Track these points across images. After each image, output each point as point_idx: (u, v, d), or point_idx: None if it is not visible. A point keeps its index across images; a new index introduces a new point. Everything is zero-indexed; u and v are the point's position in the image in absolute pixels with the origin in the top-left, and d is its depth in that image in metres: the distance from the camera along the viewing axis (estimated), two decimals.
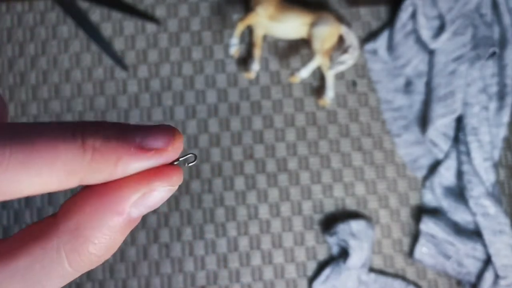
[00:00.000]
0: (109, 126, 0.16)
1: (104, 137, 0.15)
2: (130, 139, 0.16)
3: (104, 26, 0.57)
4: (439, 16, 0.56)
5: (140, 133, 0.16)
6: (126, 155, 0.16)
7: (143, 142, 0.16)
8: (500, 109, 0.57)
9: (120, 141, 0.16)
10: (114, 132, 0.16)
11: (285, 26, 0.54)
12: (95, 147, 0.15)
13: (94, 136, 0.15)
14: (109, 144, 0.15)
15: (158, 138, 0.16)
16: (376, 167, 0.57)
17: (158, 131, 0.16)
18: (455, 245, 0.54)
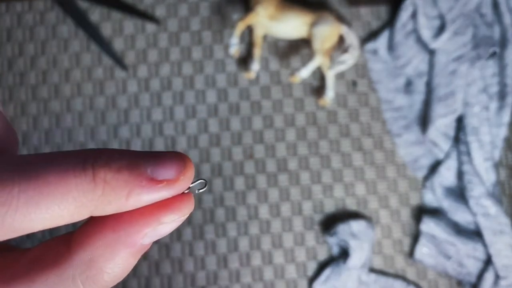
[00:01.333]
0: (119, 157, 0.16)
1: (115, 169, 0.15)
2: (141, 171, 0.16)
3: (103, 26, 0.57)
4: (439, 16, 0.56)
5: (151, 163, 0.16)
6: (138, 188, 0.16)
7: (154, 173, 0.16)
8: (500, 109, 0.57)
9: (131, 173, 0.15)
10: (125, 164, 0.16)
11: (285, 26, 0.54)
12: (106, 181, 0.15)
13: (105, 169, 0.15)
14: (120, 176, 0.15)
15: (169, 168, 0.16)
16: (376, 167, 0.57)
17: (169, 161, 0.16)
18: (455, 245, 0.54)
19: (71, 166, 0.15)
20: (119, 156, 0.16)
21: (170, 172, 0.16)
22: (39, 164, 0.15)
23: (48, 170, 0.14)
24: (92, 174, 0.15)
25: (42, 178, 0.14)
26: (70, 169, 0.15)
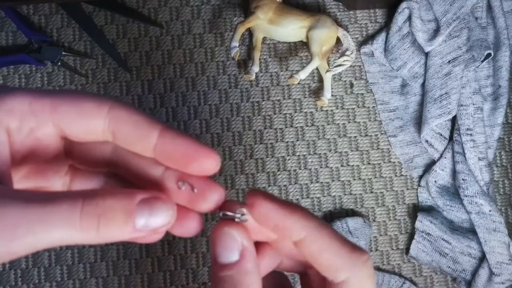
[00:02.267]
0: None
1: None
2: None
3: (108, 28, 0.58)
4: (434, 19, 0.57)
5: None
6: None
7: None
8: (494, 110, 0.57)
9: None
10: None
11: (284, 29, 0.55)
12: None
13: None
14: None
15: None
16: (373, 166, 0.58)
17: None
18: (450, 243, 0.55)
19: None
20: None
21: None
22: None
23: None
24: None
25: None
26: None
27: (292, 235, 0.20)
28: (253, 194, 0.20)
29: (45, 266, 0.55)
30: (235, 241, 0.20)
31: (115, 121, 0.19)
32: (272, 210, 0.20)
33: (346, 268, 0.19)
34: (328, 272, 0.19)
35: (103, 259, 0.55)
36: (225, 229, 0.20)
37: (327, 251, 0.19)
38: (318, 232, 0.19)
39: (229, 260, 0.20)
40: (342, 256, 0.19)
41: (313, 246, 0.19)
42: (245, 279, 0.19)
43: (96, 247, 0.55)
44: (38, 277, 0.55)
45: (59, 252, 0.55)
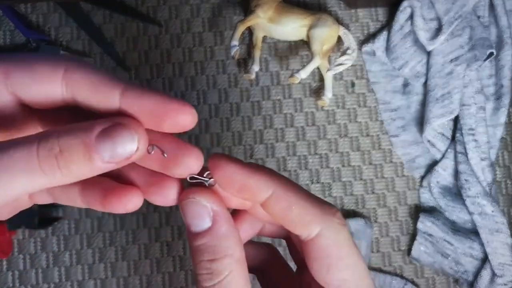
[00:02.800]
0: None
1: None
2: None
3: (106, 27, 0.58)
4: (436, 18, 0.56)
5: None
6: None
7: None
8: (497, 109, 0.57)
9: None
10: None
11: (285, 28, 0.54)
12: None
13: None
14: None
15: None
16: (374, 166, 0.58)
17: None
18: (452, 244, 0.54)
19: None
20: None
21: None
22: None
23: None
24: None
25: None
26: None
27: (259, 195, 0.19)
28: (215, 157, 0.20)
29: (42, 268, 0.54)
30: (204, 208, 0.19)
31: (72, 85, 0.18)
32: (235, 172, 0.19)
33: (318, 221, 0.19)
34: (300, 228, 0.19)
35: (101, 261, 0.55)
36: (192, 197, 0.19)
37: (297, 206, 0.19)
38: (285, 189, 0.19)
39: (201, 227, 0.19)
40: (311, 209, 0.19)
41: (281, 204, 0.19)
42: (221, 244, 0.19)
43: (94, 248, 0.55)
44: (35, 279, 0.54)
45: (57, 253, 0.55)
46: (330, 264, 0.19)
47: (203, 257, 0.19)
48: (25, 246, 0.55)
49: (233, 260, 0.19)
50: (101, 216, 0.55)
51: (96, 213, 0.55)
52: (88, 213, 0.55)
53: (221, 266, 0.18)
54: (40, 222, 0.53)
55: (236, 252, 0.19)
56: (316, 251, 0.19)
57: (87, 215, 0.55)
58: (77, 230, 0.55)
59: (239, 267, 0.19)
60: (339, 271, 0.19)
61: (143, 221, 0.55)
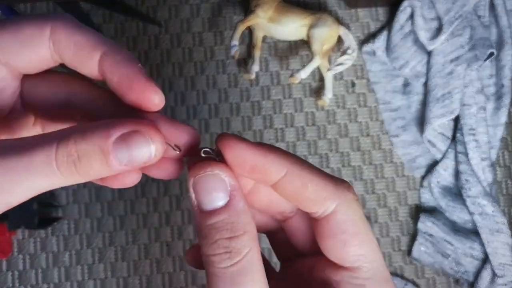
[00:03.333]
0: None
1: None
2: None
3: (106, 27, 0.58)
4: (437, 18, 0.56)
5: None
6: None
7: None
8: (497, 109, 0.57)
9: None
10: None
11: (285, 28, 0.54)
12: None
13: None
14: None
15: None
16: (374, 166, 0.57)
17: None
18: (453, 244, 0.54)
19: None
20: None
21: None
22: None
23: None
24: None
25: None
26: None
27: (272, 175, 0.19)
28: (225, 136, 0.19)
29: (42, 268, 0.54)
30: (222, 182, 0.18)
31: (58, 44, 0.18)
32: (247, 151, 0.18)
33: (334, 197, 0.19)
34: (315, 205, 0.19)
35: (101, 261, 0.55)
36: (210, 170, 0.18)
37: (312, 183, 0.18)
38: (299, 167, 0.19)
39: (217, 204, 0.18)
40: (326, 186, 0.19)
41: (296, 182, 0.18)
42: (239, 220, 0.18)
43: (94, 249, 0.55)
44: (35, 279, 0.54)
45: (57, 253, 0.55)
46: (346, 239, 0.19)
47: (220, 235, 0.18)
48: (25, 246, 0.54)
49: (251, 236, 0.18)
50: (101, 216, 0.55)
51: (96, 213, 0.55)
52: (88, 213, 0.55)
53: (241, 243, 0.17)
54: (40, 222, 0.53)
55: (253, 229, 0.18)
56: (333, 228, 0.19)
57: (87, 215, 0.55)
58: (77, 230, 0.55)
59: (257, 244, 0.18)
60: (355, 246, 0.19)
61: (143, 221, 0.55)
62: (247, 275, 0.17)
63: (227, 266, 0.17)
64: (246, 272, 0.17)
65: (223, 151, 0.19)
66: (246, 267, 0.17)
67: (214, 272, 0.18)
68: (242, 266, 0.17)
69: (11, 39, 0.18)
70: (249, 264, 0.17)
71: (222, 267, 0.17)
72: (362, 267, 0.19)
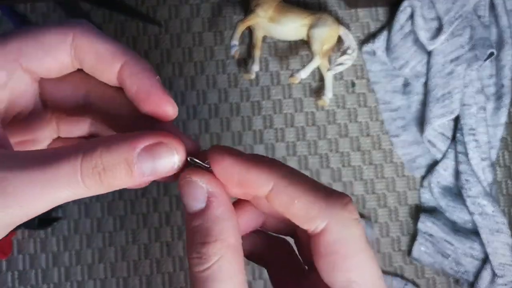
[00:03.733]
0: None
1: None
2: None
3: (106, 27, 0.58)
4: (437, 18, 0.56)
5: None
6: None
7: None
8: (497, 109, 0.57)
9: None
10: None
11: (285, 28, 0.54)
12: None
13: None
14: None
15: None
16: (374, 166, 0.57)
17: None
18: (453, 244, 0.54)
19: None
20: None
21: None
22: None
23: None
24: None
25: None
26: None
27: (258, 189, 0.18)
28: (215, 149, 0.19)
29: (42, 268, 0.54)
30: (200, 188, 0.19)
31: (79, 52, 0.19)
32: (233, 166, 0.18)
33: (324, 215, 0.17)
34: (304, 222, 0.18)
35: (101, 261, 0.55)
36: (189, 177, 0.19)
37: (300, 200, 0.18)
38: (287, 182, 0.18)
39: (196, 208, 0.19)
40: (316, 202, 0.18)
41: (282, 197, 0.18)
42: (214, 226, 0.18)
43: (94, 249, 0.55)
44: (35, 279, 0.54)
45: (57, 253, 0.55)
46: (335, 262, 0.17)
47: (195, 239, 0.18)
48: (25, 246, 0.54)
49: (224, 245, 0.18)
50: (100, 216, 0.55)
51: (96, 213, 0.55)
52: (88, 213, 0.55)
53: (212, 250, 0.18)
54: (40, 222, 0.53)
55: (229, 238, 0.18)
56: (322, 247, 0.18)
57: (87, 215, 0.55)
58: (77, 230, 0.55)
59: (232, 253, 0.18)
60: (346, 271, 0.17)
61: (143, 221, 0.55)
62: (217, 282, 0.17)
63: (199, 271, 0.18)
64: (215, 279, 0.17)
65: (211, 166, 0.19)
66: (215, 274, 0.17)
67: (191, 275, 0.18)
68: (212, 273, 0.17)
69: (34, 46, 0.19)
70: (219, 271, 0.17)
71: (195, 271, 0.18)
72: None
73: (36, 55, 0.19)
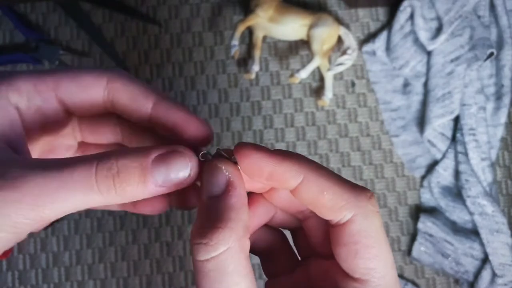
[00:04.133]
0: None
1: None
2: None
3: (106, 27, 0.57)
4: (436, 18, 0.56)
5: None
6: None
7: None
8: (497, 109, 0.57)
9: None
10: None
11: (285, 28, 0.54)
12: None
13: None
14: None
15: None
16: (374, 166, 0.57)
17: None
18: (453, 244, 0.54)
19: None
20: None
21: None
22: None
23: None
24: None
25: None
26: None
27: (289, 182, 0.19)
28: (242, 145, 0.20)
29: (42, 268, 0.54)
30: (223, 175, 0.19)
31: (113, 93, 0.21)
32: (263, 160, 0.19)
33: (351, 206, 0.19)
34: (332, 213, 0.19)
35: (101, 261, 0.55)
36: (215, 163, 0.20)
37: (329, 191, 0.19)
38: (317, 174, 0.19)
39: (215, 192, 0.19)
40: (345, 194, 0.19)
41: (313, 189, 0.19)
42: (227, 213, 0.18)
43: (94, 249, 0.55)
44: (35, 279, 0.54)
45: (57, 253, 0.55)
46: (358, 251, 0.19)
47: (204, 223, 0.18)
48: (25, 246, 0.54)
49: (233, 234, 0.18)
50: (101, 216, 0.55)
51: (96, 213, 0.55)
52: (88, 213, 0.55)
53: (221, 237, 0.17)
54: None
55: (239, 230, 0.18)
56: (346, 237, 0.19)
57: (87, 215, 0.55)
58: (77, 230, 0.55)
59: (240, 247, 0.18)
60: (366, 259, 0.18)
61: (143, 221, 0.55)
62: (224, 275, 0.17)
63: (204, 259, 0.17)
64: (223, 271, 0.17)
65: (239, 160, 0.20)
66: (222, 265, 0.17)
67: (195, 265, 0.18)
68: (219, 263, 0.17)
69: (71, 82, 0.21)
70: (226, 263, 0.17)
71: (200, 260, 0.17)
72: (371, 281, 0.18)
73: (71, 89, 0.21)
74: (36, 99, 0.20)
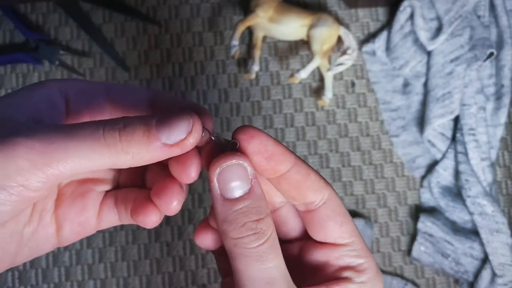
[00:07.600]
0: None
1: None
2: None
3: (106, 27, 0.57)
4: (436, 18, 0.56)
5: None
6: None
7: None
8: (497, 109, 0.57)
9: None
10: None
11: (285, 28, 0.54)
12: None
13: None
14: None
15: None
16: (374, 166, 0.57)
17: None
18: (452, 244, 0.54)
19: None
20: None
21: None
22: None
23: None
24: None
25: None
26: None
27: (284, 163, 0.21)
28: (245, 127, 0.21)
29: (42, 268, 0.54)
30: (245, 171, 0.20)
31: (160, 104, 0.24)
32: (268, 140, 0.21)
33: (327, 186, 0.22)
34: (316, 194, 0.21)
35: (101, 261, 0.55)
36: (236, 160, 0.20)
37: (313, 173, 0.21)
38: (301, 163, 0.21)
39: (240, 191, 0.20)
40: (320, 180, 0.22)
41: (302, 171, 0.21)
42: (262, 203, 0.20)
43: (94, 248, 0.55)
44: (35, 279, 0.54)
45: (57, 253, 0.55)
46: (342, 220, 0.22)
47: (248, 218, 0.19)
48: None
49: (271, 218, 0.20)
50: None
51: None
52: None
53: (266, 224, 0.20)
54: None
55: (270, 212, 0.20)
56: (330, 212, 0.22)
57: None
58: None
59: (274, 227, 0.20)
60: (349, 224, 0.22)
61: None
62: (272, 252, 0.20)
63: (256, 246, 0.19)
64: (272, 249, 0.20)
65: (245, 140, 0.21)
66: (271, 245, 0.20)
67: (243, 253, 0.19)
68: (269, 244, 0.19)
69: (121, 88, 0.23)
70: (274, 242, 0.20)
71: (251, 247, 0.19)
72: (354, 241, 0.22)
73: (121, 92, 0.23)
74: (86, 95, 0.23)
